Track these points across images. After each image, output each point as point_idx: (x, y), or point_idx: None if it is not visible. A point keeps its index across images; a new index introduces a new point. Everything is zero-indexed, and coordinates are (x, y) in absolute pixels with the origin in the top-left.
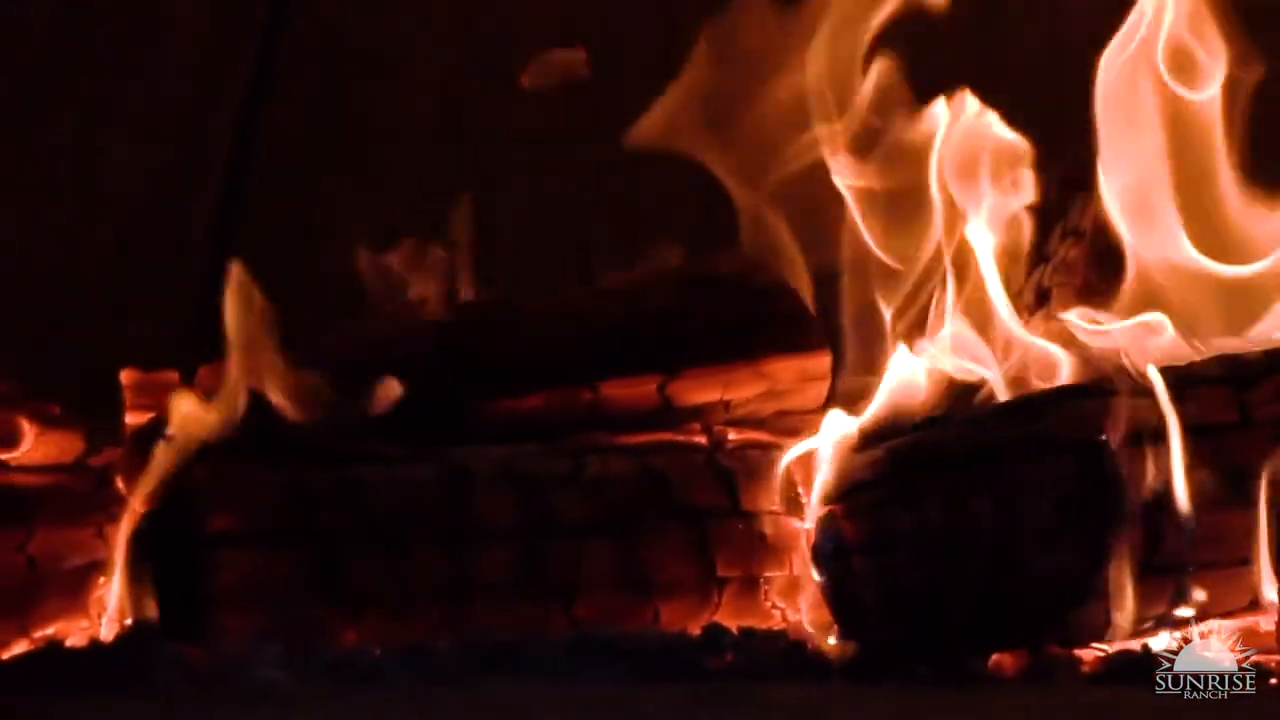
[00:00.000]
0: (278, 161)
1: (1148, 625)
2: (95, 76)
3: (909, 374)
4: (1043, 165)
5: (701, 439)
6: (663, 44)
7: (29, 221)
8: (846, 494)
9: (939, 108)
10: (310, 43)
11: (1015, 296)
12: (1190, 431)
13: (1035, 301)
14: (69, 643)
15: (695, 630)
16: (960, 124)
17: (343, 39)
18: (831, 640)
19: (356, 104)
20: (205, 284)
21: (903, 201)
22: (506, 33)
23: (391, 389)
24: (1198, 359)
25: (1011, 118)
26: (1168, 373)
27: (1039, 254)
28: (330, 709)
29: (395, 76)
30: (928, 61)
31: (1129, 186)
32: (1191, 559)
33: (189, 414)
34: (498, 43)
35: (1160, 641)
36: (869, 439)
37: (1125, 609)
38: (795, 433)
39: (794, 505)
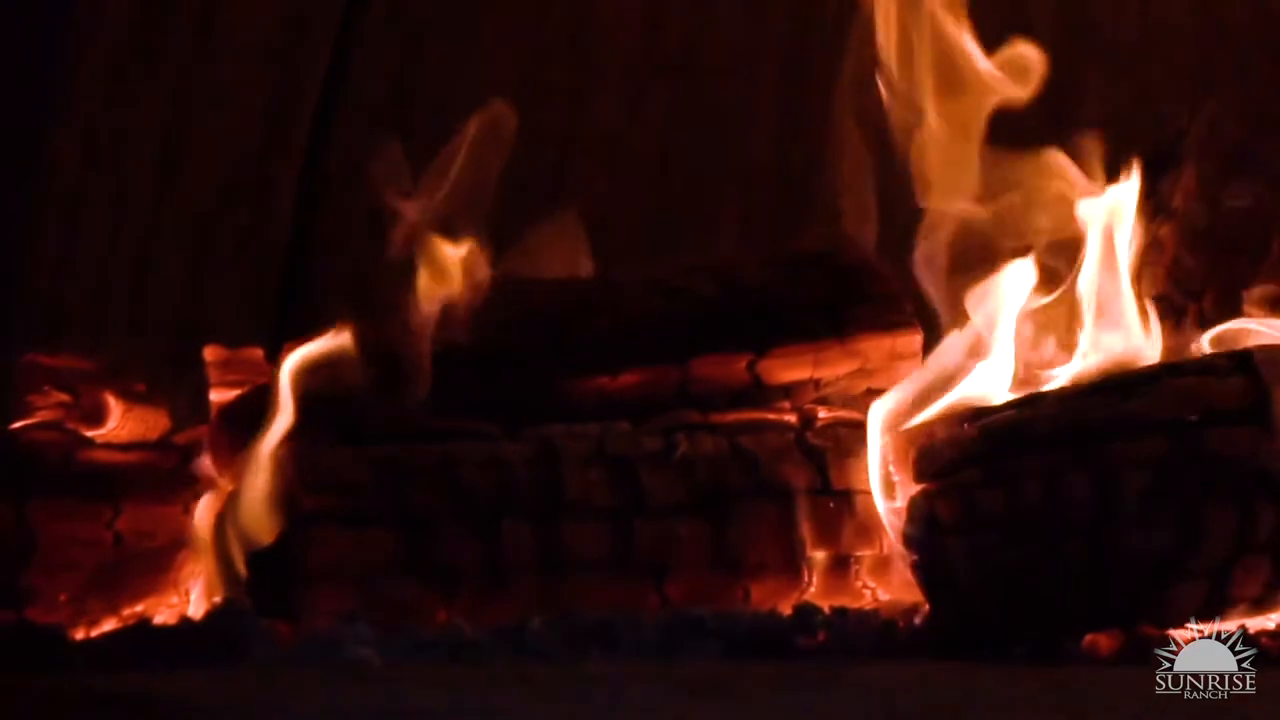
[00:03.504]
0: (359, 138)
1: (1244, 606)
2: (178, 53)
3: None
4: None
5: (792, 417)
6: (746, 23)
7: (112, 198)
8: (940, 473)
9: None
10: (390, 18)
11: None
12: None
13: None
14: (158, 620)
15: (786, 609)
16: None
17: (422, 11)
18: (924, 620)
19: (435, 76)
20: (287, 261)
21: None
22: (583, 9)
23: None
24: None
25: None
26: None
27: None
28: (422, 686)
29: (474, 50)
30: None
31: None
32: None
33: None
34: (574, 19)
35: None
36: (962, 417)
37: (1221, 589)
38: None
39: (885, 484)
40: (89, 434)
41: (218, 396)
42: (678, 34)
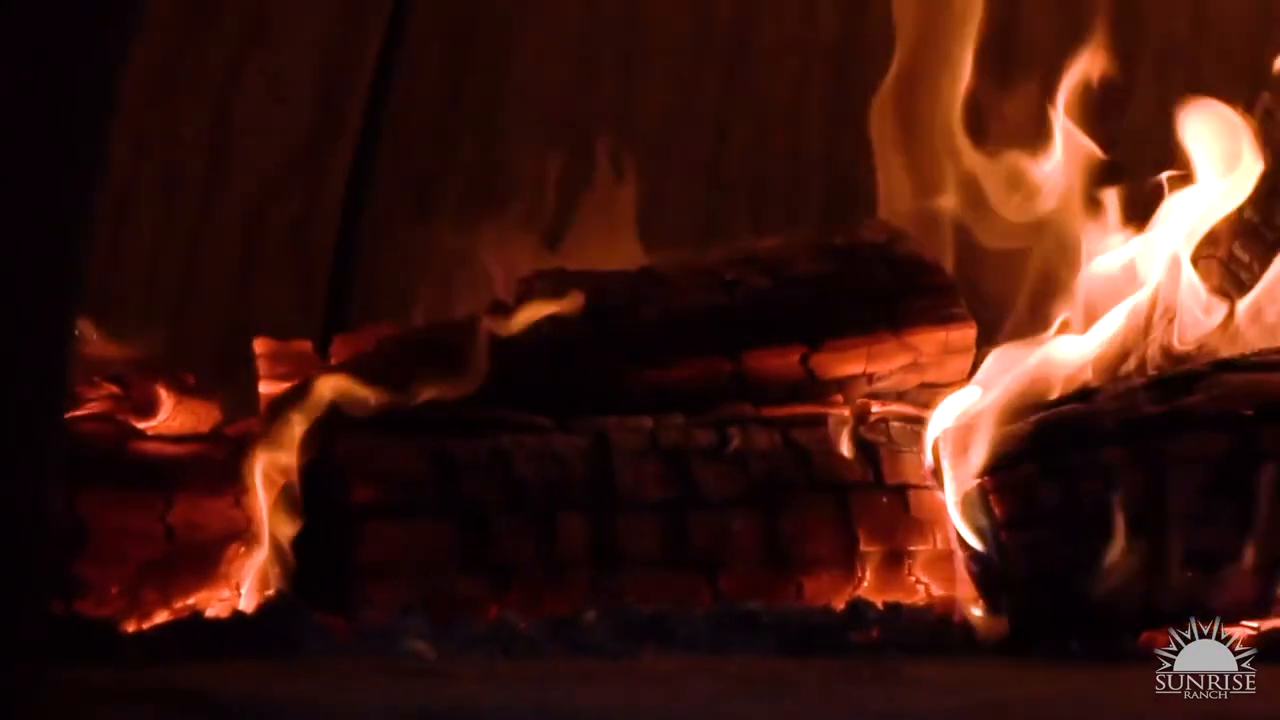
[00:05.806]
0: (409, 128)
1: None
2: (228, 43)
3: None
4: None
5: (845, 411)
6: (797, 13)
7: (161, 189)
8: (994, 468)
9: None
10: (441, 8)
11: None
12: None
13: None
14: (210, 613)
15: (839, 605)
16: None
17: (474, 5)
18: (978, 616)
19: (487, 63)
20: (337, 253)
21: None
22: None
23: None
24: None
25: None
26: None
27: None
28: (477, 680)
29: (525, 37)
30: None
31: None
32: None
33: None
34: (625, 12)
35: None
36: (1017, 412)
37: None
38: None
39: (939, 479)
40: (140, 425)
41: (267, 388)
42: (728, 22)
